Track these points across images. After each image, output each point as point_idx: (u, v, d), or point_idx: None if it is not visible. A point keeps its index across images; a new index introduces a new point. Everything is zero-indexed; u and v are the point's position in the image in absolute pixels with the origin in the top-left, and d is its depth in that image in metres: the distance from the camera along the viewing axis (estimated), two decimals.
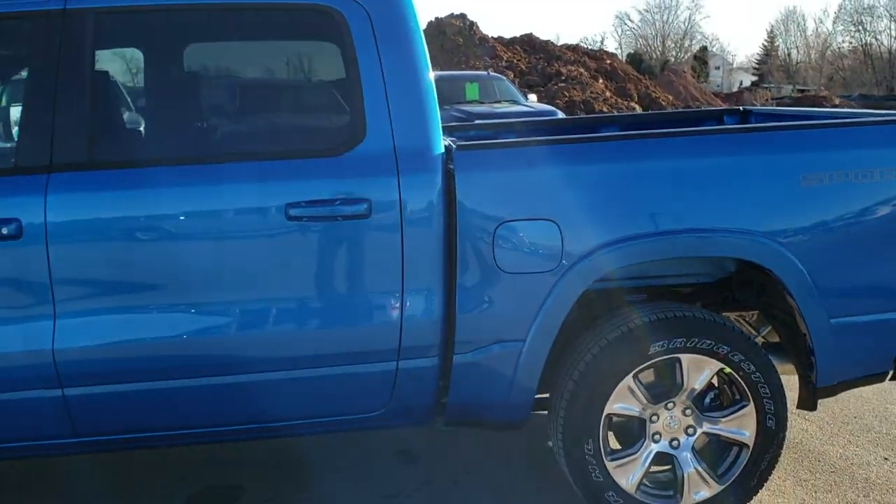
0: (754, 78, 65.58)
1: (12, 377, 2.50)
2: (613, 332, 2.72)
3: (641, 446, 2.82)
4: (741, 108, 4.35)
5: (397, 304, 2.62)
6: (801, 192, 2.71)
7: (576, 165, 2.69)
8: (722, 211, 2.67)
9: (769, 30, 73.43)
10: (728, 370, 2.76)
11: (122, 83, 3.07)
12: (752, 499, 2.89)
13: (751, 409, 2.79)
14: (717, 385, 2.88)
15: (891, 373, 2.94)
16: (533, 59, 26.96)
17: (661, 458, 2.85)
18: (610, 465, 2.79)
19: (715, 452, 2.87)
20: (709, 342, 2.71)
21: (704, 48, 68.69)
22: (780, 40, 70.41)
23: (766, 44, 71.71)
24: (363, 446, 3.62)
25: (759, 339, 3.27)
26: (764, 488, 2.92)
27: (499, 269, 2.63)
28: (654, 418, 2.81)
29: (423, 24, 2.75)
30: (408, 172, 2.59)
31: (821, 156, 2.78)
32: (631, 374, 2.73)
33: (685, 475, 2.81)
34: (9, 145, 2.77)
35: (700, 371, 2.75)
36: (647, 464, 2.82)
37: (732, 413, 2.81)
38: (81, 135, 2.53)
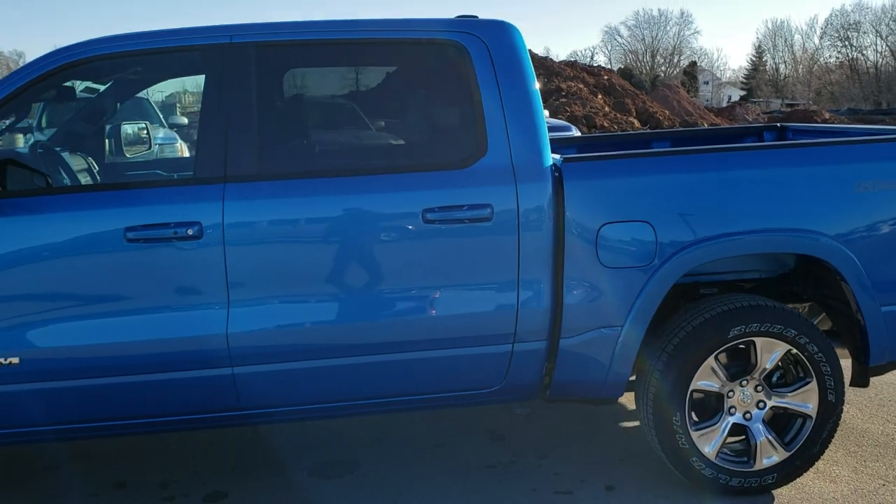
0: (743, 92, 66.62)
1: (192, 358, 2.92)
2: (698, 318, 3.16)
3: (720, 418, 3.25)
4: (778, 124, 4.82)
5: (514, 295, 3.05)
6: (856, 197, 3.17)
7: (669, 174, 3.13)
8: (792, 213, 3.11)
9: (756, 44, 74.58)
10: (794, 351, 3.19)
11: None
12: (813, 464, 3.32)
13: (814, 385, 3.23)
14: (781, 365, 3.32)
15: None
16: None
17: (735, 429, 3.28)
18: (694, 435, 3.21)
19: (782, 423, 3.31)
20: (779, 326, 3.15)
21: (694, 63, 69.80)
22: (768, 55, 71.65)
23: (753, 58, 72.90)
24: (453, 426, 4.04)
25: None
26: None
27: (601, 265, 3.07)
28: (731, 394, 3.24)
29: None
30: (523, 182, 3.03)
31: (871, 166, 3.23)
32: (713, 355, 3.16)
33: (758, 443, 3.24)
34: (190, 158, 3.17)
35: (771, 352, 3.19)
36: (724, 433, 3.25)
37: (798, 389, 3.25)
38: (251, 149, 2.96)
